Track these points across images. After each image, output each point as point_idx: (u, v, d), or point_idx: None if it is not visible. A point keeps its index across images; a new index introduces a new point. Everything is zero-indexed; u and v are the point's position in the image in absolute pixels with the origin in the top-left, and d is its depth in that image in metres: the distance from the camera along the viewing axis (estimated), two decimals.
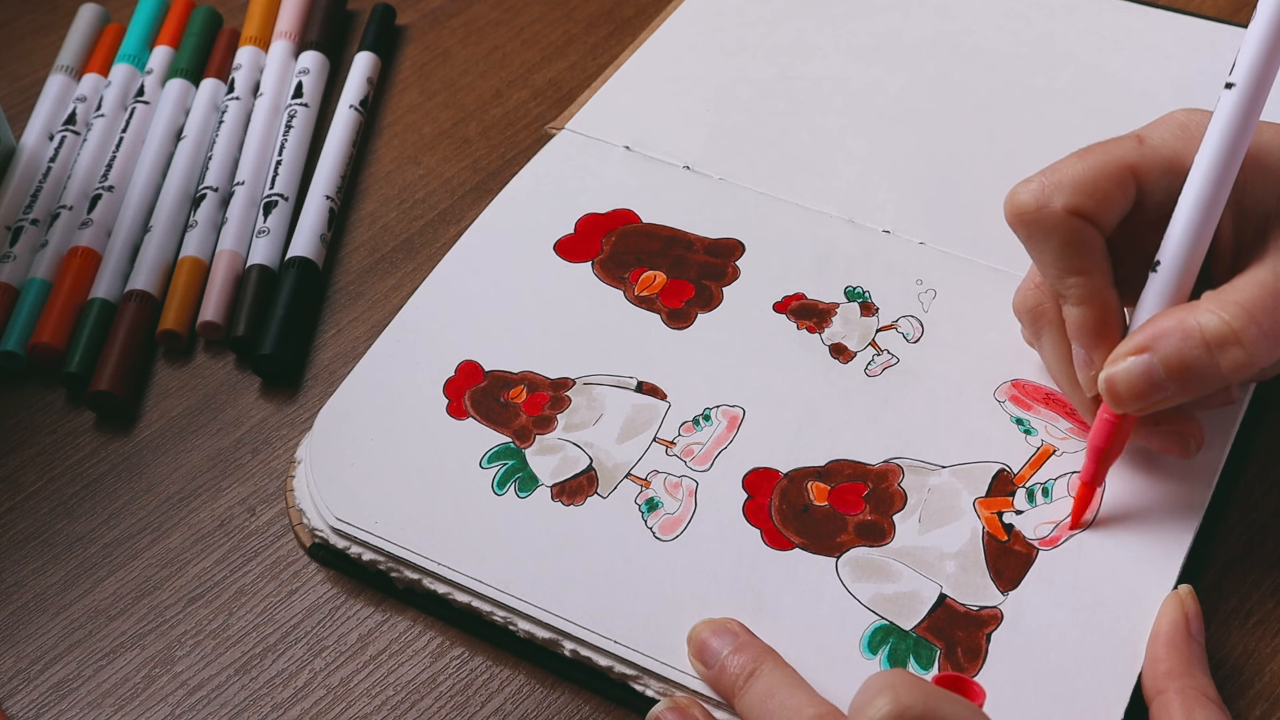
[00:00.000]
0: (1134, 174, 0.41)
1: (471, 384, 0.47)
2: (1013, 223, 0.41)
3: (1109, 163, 0.41)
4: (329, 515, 0.44)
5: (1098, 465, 0.42)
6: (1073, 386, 0.43)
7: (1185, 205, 0.40)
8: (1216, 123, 0.39)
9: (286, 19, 0.62)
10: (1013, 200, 0.41)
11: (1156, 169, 0.41)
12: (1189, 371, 0.39)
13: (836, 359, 0.47)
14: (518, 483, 0.44)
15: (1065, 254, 0.41)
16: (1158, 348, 0.39)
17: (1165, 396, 0.40)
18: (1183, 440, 0.42)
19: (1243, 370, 0.39)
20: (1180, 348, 0.39)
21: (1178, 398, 0.40)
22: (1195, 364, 0.39)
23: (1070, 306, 0.41)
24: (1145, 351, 0.39)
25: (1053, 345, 0.44)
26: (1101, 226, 0.41)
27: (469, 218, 0.54)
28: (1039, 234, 0.41)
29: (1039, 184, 0.41)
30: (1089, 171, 0.40)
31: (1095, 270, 0.41)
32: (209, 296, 0.51)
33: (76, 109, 0.59)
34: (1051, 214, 0.40)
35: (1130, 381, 0.40)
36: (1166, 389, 0.39)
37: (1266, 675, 0.41)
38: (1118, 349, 0.40)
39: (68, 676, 0.43)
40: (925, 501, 0.43)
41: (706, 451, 0.45)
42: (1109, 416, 0.41)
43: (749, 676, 0.39)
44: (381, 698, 0.42)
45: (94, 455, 0.48)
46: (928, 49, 0.58)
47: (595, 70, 0.61)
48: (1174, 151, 0.41)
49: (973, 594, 0.41)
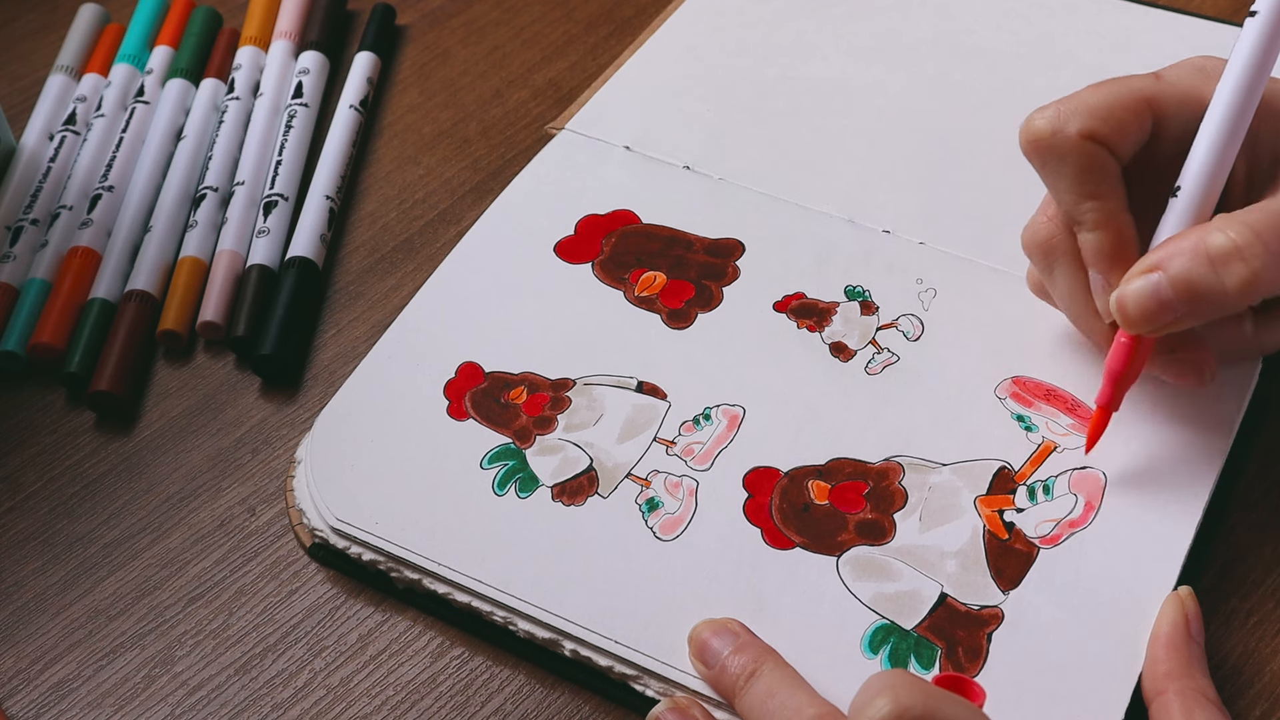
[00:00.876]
0: (1150, 106, 0.41)
1: (472, 385, 0.47)
2: (1028, 150, 0.42)
3: (1125, 93, 0.41)
4: (329, 515, 0.44)
5: (1114, 388, 0.42)
6: (1089, 316, 0.44)
7: (1208, 129, 0.40)
8: (1240, 48, 0.40)
9: (286, 19, 0.62)
10: (1028, 127, 0.42)
11: (1173, 102, 0.41)
12: (1196, 290, 0.39)
13: (837, 358, 0.47)
14: (518, 483, 0.44)
15: (1081, 179, 0.41)
16: (1168, 267, 0.39)
17: (1175, 317, 0.40)
18: (1197, 369, 0.43)
19: (1248, 288, 0.39)
20: (1189, 266, 0.39)
21: (1188, 319, 0.40)
22: (1202, 282, 0.39)
23: (1086, 232, 0.42)
24: (1156, 271, 0.40)
25: (1067, 277, 0.44)
26: (1117, 154, 0.41)
27: (469, 218, 0.54)
28: (1054, 159, 0.41)
29: (1054, 110, 0.41)
30: (1105, 99, 0.41)
31: (1111, 195, 0.41)
32: (209, 296, 0.51)
33: (76, 109, 0.59)
34: (1066, 138, 0.41)
35: (1140, 301, 0.40)
36: (1175, 309, 0.40)
37: (1266, 675, 0.41)
38: (1131, 270, 0.40)
39: (68, 676, 0.43)
40: (926, 500, 0.43)
41: (707, 451, 0.45)
42: (1125, 339, 0.42)
43: (749, 676, 0.39)
44: (381, 698, 0.42)
45: (94, 455, 0.48)
46: (928, 49, 0.58)
47: (595, 70, 0.61)
48: (1191, 86, 0.41)
49: (973, 593, 0.41)
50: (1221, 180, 0.41)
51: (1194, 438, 0.44)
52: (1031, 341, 0.47)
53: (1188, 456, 0.44)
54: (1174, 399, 0.45)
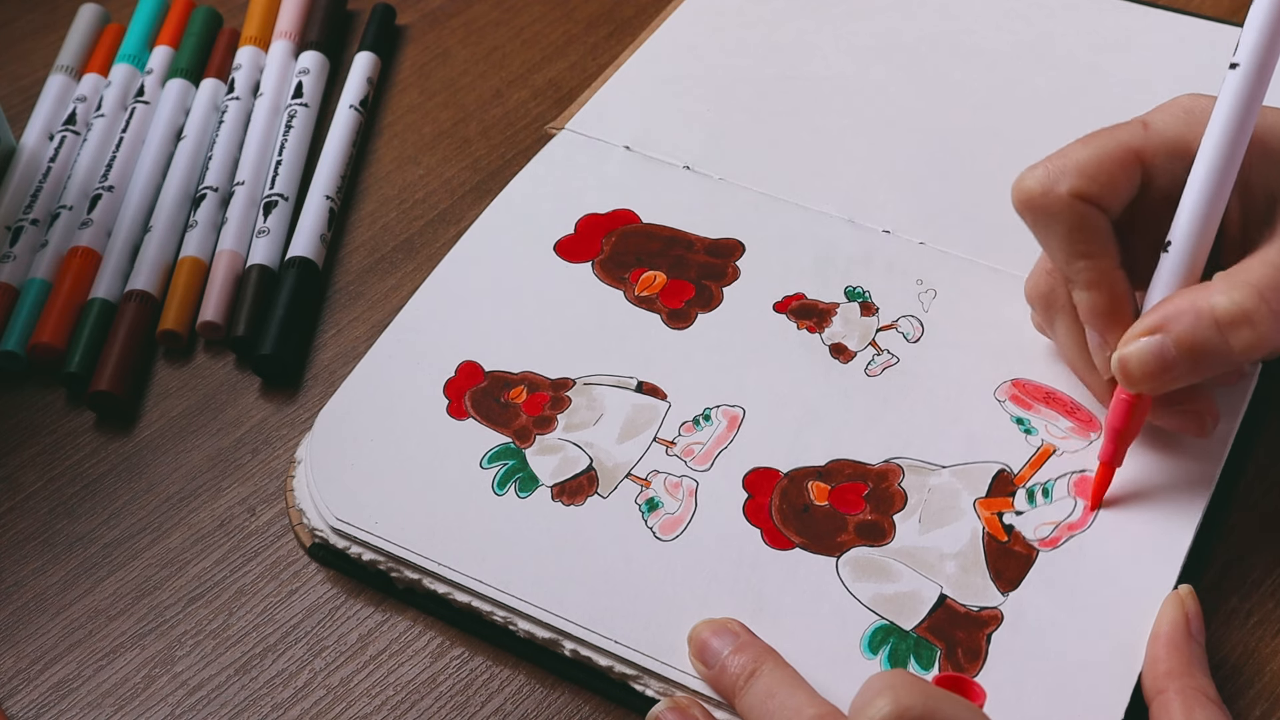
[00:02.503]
0: (1139, 158, 0.41)
1: (472, 384, 0.47)
2: (1020, 209, 0.42)
3: (1114, 147, 0.41)
4: (329, 515, 0.44)
5: (1116, 445, 0.42)
6: (1088, 369, 0.44)
7: (1194, 185, 0.40)
8: (1223, 102, 0.39)
9: (286, 19, 0.62)
10: (1019, 186, 0.42)
11: (1161, 152, 0.41)
12: (1201, 352, 0.39)
13: (837, 359, 0.47)
14: (518, 483, 0.44)
15: (1072, 238, 0.41)
16: (1170, 328, 0.39)
17: (1178, 376, 0.40)
18: (1199, 419, 0.43)
19: (1254, 350, 0.39)
20: (1193, 328, 0.39)
21: (1190, 377, 0.40)
22: (1207, 344, 0.39)
23: (1080, 291, 0.42)
24: (1158, 332, 0.40)
25: (1066, 331, 0.44)
26: (1108, 210, 0.41)
27: (469, 218, 0.54)
28: (1045, 219, 0.41)
29: (1044, 170, 0.41)
30: (1094, 156, 0.41)
31: (1103, 254, 0.41)
32: (209, 296, 0.51)
33: (76, 109, 0.59)
34: (1057, 199, 0.41)
35: (1143, 362, 0.40)
36: (1179, 369, 0.40)
37: (1266, 675, 0.41)
38: (1131, 330, 0.40)
39: (68, 676, 0.43)
40: (925, 501, 0.43)
41: (707, 451, 0.45)
42: (1126, 397, 0.41)
43: (749, 676, 0.39)
44: (381, 698, 0.42)
45: (94, 455, 0.48)
46: (928, 49, 0.58)
47: (595, 70, 0.61)
48: (1178, 135, 0.41)
49: (973, 594, 0.41)
50: (1212, 233, 0.40)
51: (1194, 439, 0.44)
52: (1031, 344, 0.47)
53: (1188, 457, 0.44)
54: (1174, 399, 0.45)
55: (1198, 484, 0.43)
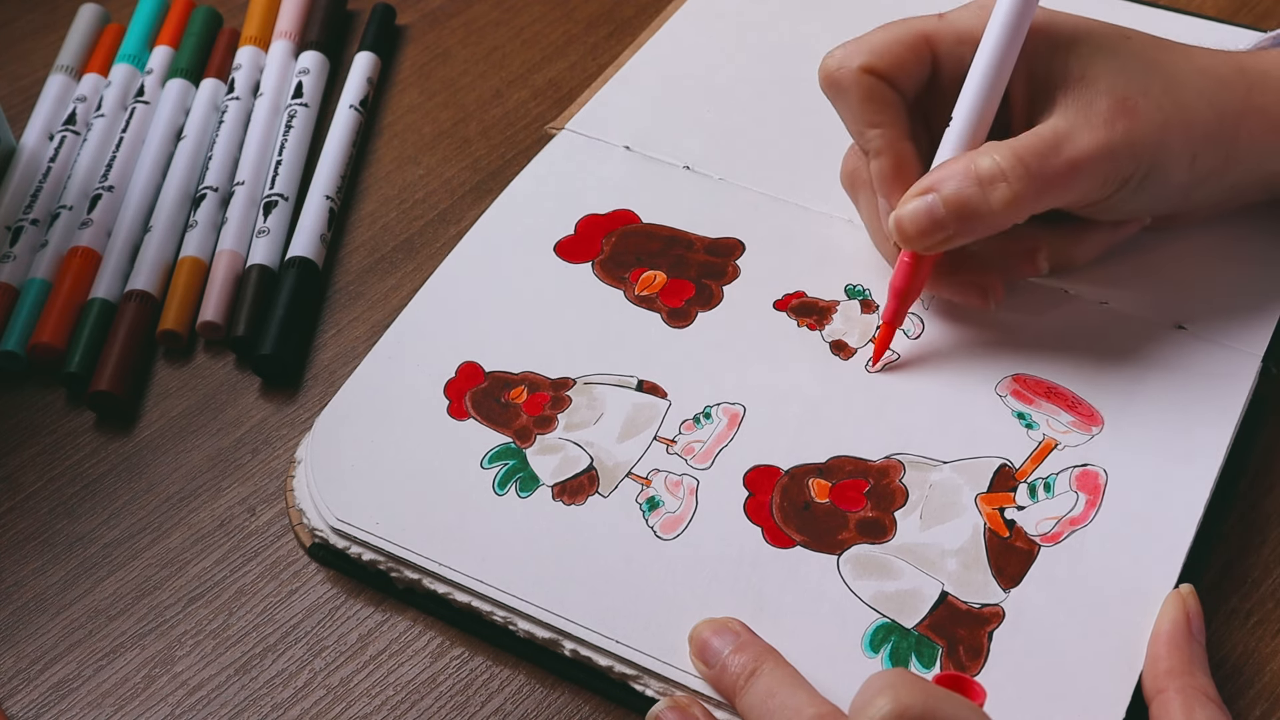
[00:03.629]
0: (929, 42, 0.45)
1: (472, 385, 0.47)
2: (821, 84, 0.46)
3: (906, 31, 0.45)
4: (329, 515, 0.44)
5: (898, 304, 0.46)
6: (884, 240, 0.48)
7: (978, 65, 0.44)
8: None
9: (286, 19, 0.62)
10: (821, 66, 0.46)
11: (951, 38, 0.45)
12: (966, 208, 0.43)
13: (837, 355, 0.47)
14: (518, 482, 0.44)
15: (863, 109, 0.45)
16: (940, 188, 0.43)
17: (948, 233, 0.43)
18: (980, 291, 0.46)
19: (1011, 207, 0.43)
20: (959, 186, 0.43)
21: (959, 236, 0.44)
22: (971, 201, 0.43)
23: (872, 159, 0.46)
24: (930, 192, 0.43)
25: (865, 203, 0.48)
26: (899, 87, 0.45)
27: (469, 218, 0.54)
28: (840, 92, 0.46)
29: (842, 50, 0.46)
30: (886, 38, 0.45)
31: (891, 124, 0.45)
32: (209, 296, 0.51)
33: (76, 109, 0.59)
34: (849, 73, 0.45)
35: (915, 218, 0.44)
36: (948, 226, 0.43)
37: (1266, 675, 0.41)
38: (908, 192, 0.44)
39: (68, 676, 0.43)
40: (926, 498, 0.43)
41: (707, 449, 0.45)
42: (907, 258, 0.45)
43: (750, 676, 0.39)
44: (381, 698, 0.42)
45: (94, 455, 0.48)
46: None
47: (595, 70, 0.61)
48: (969, 26, 0.45)
49: (974, 591, 0.41)
50: (991, 110, 0.44)
51: (1194, 437, 0.44)
52: (1032, 339, 0.47)
53: (1188, 456, 0.44)
54: (1174, 398, 0.45)
55: (1198, 484, 0.43)
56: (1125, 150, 0.43)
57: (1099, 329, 0.47)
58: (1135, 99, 0.43)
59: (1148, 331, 0.47)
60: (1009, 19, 0.43)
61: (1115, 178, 0.43)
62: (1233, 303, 0.48)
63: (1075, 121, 0.43)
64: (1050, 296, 0.48)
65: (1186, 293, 0.48)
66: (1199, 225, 0.49)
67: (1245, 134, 0.45)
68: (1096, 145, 0.43)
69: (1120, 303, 0.48)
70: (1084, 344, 0.47)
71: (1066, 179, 0.43)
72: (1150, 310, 0.48)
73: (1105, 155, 0.43)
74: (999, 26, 0.44)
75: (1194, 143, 0.44)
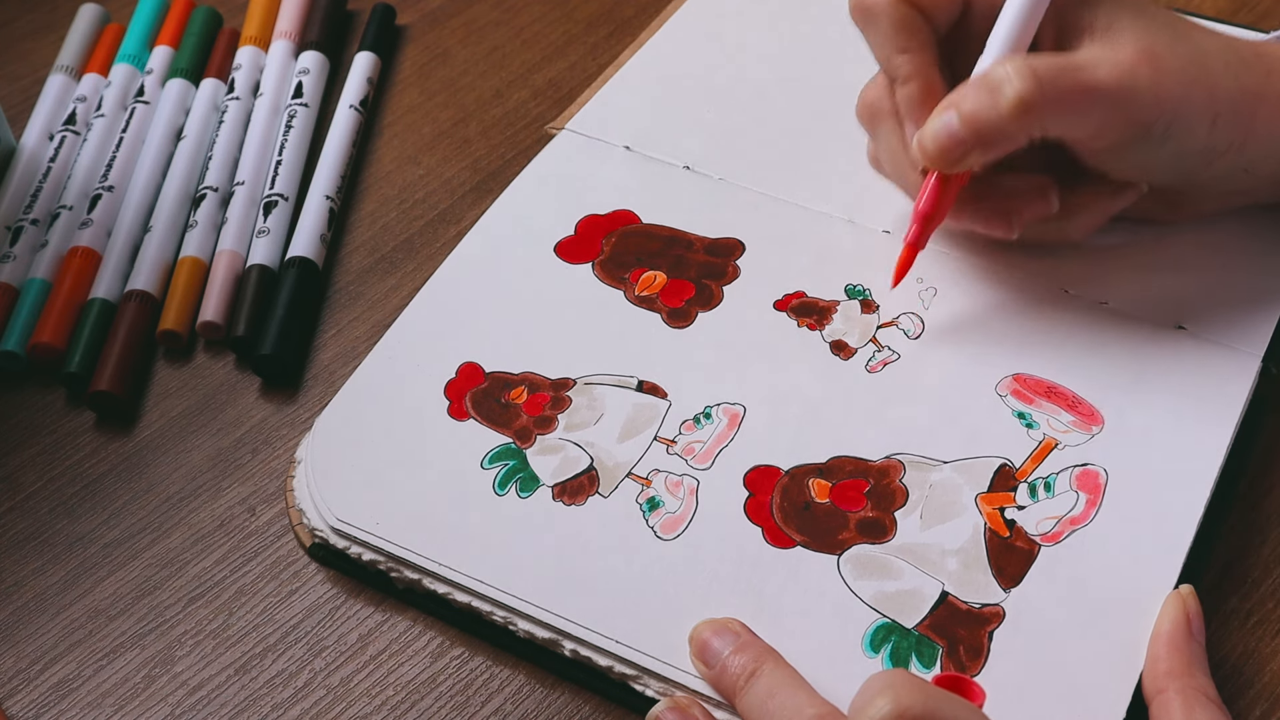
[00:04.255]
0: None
1: (472, 385, 0.47)
2: (852, 11, 0.46)
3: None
4: (329, 515, 0.44)
5: (922, 226, 0.46)
6: (908, 173, 0.47)
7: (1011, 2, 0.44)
8: None
9: (286, 19, 0.62)
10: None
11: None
12: (979, 120, 0.43)
13: (837, 356, 0.47)
14: (519, 483, 0.44)
15: (894, 34, 0.45)
16: (959, 104, 0.43)
17: (966, 148, 0.43)
18: (1004, 217, 0.46)
19: (1018, 110, 0.42)
20: (975, 100, 0.43)
21: (978, 149, 0.43)
22: (983, 112, 0.43)
23: (900, 86, 0.46)
24: (950, 109, 0.44)
25: (888, 136, 0.48)
26: (931, 18, 0.45)
27: (469, 218, 0.54)
28: (872, 17, 0.46)
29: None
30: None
31: (921, 50, 0.45)
32: (209, 296, 0.51)
33: (76, 109, 0.59)
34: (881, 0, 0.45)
35: (935, 135, 0.44)
36: (965, 141, 0.43)
37: (1266, 675, 0.41)
38: (933, 112, 0.44)
39: (68, 676, 0.43)
40: (927, 498, 0.43)
41: (707, 450, 0.45)
42: (934, 180, 0.45)
43: (750, 676, 0.39)
44: (381, 698, 0.42)
45: (94, 455, 0.48)
46: None
47: (595, 70, 0.61)
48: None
49: (975, 591, 0.41)
50: (1024, 46, 0.44)
51: (1194, 437, 0.44)
52: (1032, 339, 0.47)
53: (1188, 456, 0.44)
54: (1174, 397, 0.45)
55: (1198, 484, 0.43)
56: (1148, 93, 0.43)
57: (1099, 329, 0.47)
58: (1160, 53, 0.43)
59: (1148, 331, 0.47)
60: None
61: (1134, 119, 0.43)
62: (1233, 303, 0.48)
63: (1098, 54, 0.43)
64: (1050, 296, 0.48)
65: (1186, 293, 0.48)
66: (1201, 222, 0.49)
67: (1264, 115, 0.45)
68: (1117, 78, 0.42)
69: (1120, 303, 0.48)
70: (1084, 344, 0.47)
71: (1080, 99, 0.42)
72: (1150, 310, 0.48)
73: (1124, 90, 0.42)
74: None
75: (1217, 103, 0.44)
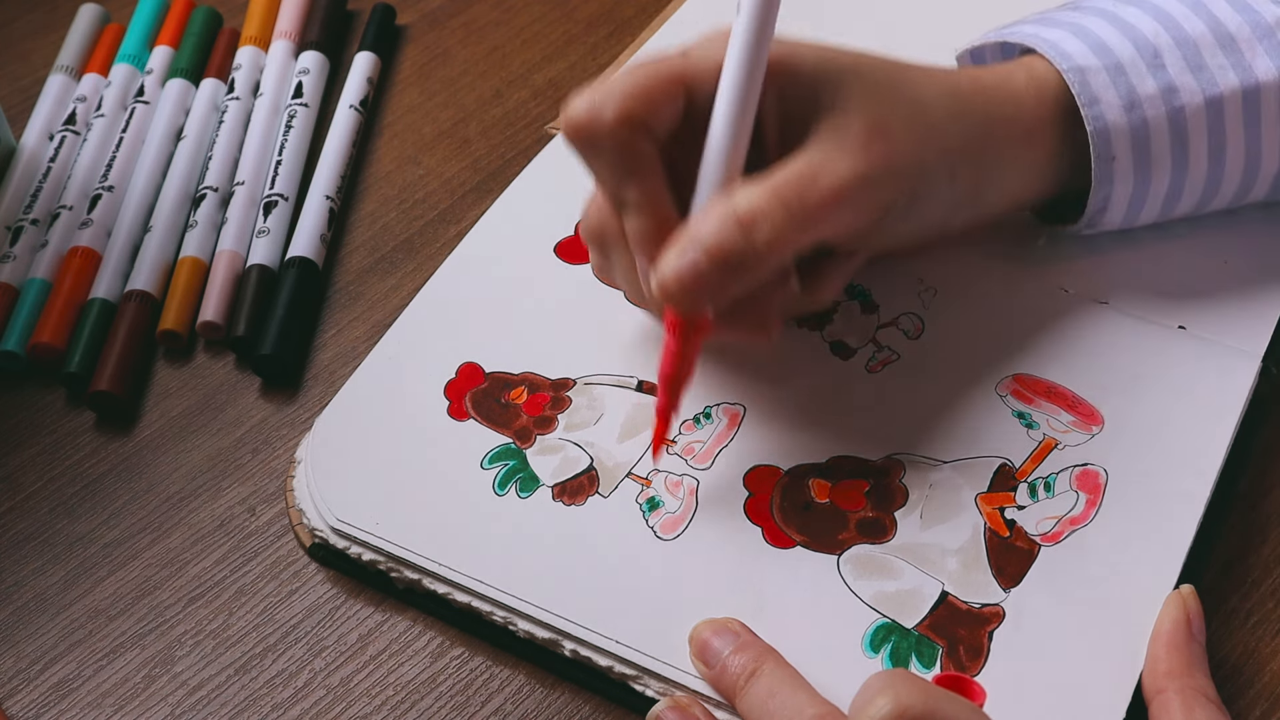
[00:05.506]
0: (680, 83, 0.42)
1: (472, 385, 0.47)
2: (568, 136, 0.42)
3: (656, 72, 0.42)
4: (329, 515, 0.44)
5: (669, 393, 0.43)
6: (641, 299, 0.45)
7: (720, 104, 0.41)
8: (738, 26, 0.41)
9: (286, 19, 0.62)
10: (566, 116, 0.42)
11: (700, 78, 0.42)
12: (729, 254, 0.40)
13: (837, 356, 0.47)
14: (519, 483, 0.44)
15: (620, 161, 0.41)
16: (698, 236, 0.40)
17: (714, 285, 0.40)
18: (760, 324, 0.43)
19: (776, 247, 0.40)
20: (718, 232, 0.40)
21: (727, 285, 0.40)
22: (734, 247, 0.40)
23: (630, 217, 0.42)
24: (690, 243, 0.40)
25: (623, 262, 0.44)
26: (654, 133, 0.42)
27: (469, 218, 0.54)
28: (593, 144, 0.42)
29: (590, 97, 0.41)
30: (637, 82, 0.41)
31: (649, 176, 0.42)
32: (209, 296, 0.51)
33: (76, 109, 0.59)
34: (604, 123, 0.41)
35: (678, 274, 0.40)
36: (713, 276, 0.40)
37: (1266, 675, 0.41)
38: (668, 248, 0.41)
39: (68, 676, 0.43)
40: (927, 498, 0.43)
41: (707, 450, 0.45)
42: (672, 344, 0.42)
43: (750, 676, 0.39)
44: (381, 698, 0.42)
45: (94, 455, 0.48)
46: (928, 50, 0.58)
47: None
48: (716, 62, 0.42)
49: (975, 591, 0.41)
50: (741, 149, 0.41)
51: (1194, 437, 0.44)
52: (1032, 339, 0.47)
53: (1188, 456, 0.44)
54: (1174, 397, 0.45)
55: (1198, 483, 0.43)
56: (884, 174, 0.41)
57: (1099, 329, 0.47)
58: (888, 121, 0.42)
59: (1148, 331, 0.47)
60: (745, 54, 0.41)
61: (879, 203, 0.42)
62: (1233, 303, 0.48)
63: (830, 151, 0.41)
64: (1050, 296, 0.48)
65: (1186, 293, 0.48)
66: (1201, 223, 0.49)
67: (991, 150, 0.44)
68: (854, 171, 0.41)
69: (1120, 303, 0.48)
70: (1084, 344, 0.47)
71: (828, 209, 0.40)
72: (1150, 310, 0.48)
73: (864, 181, 0.41)
74: (736, 62, 0.41)
75: (951, 157, 0.43)
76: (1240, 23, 0.45)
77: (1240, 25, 0.45)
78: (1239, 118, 0.45)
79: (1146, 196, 0.46)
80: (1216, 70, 0.45)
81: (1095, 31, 0.45)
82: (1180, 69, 0.45)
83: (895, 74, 0.43)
